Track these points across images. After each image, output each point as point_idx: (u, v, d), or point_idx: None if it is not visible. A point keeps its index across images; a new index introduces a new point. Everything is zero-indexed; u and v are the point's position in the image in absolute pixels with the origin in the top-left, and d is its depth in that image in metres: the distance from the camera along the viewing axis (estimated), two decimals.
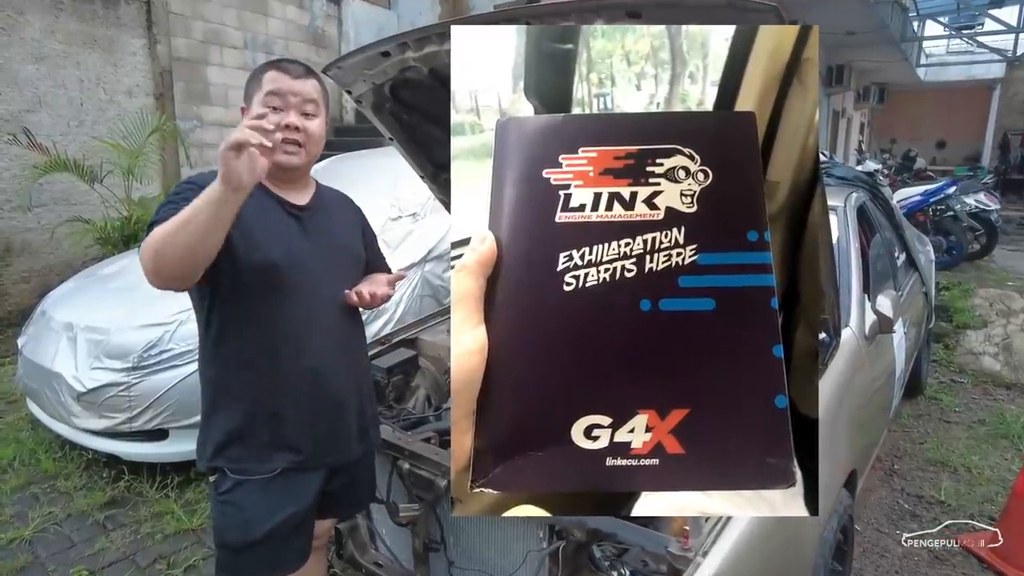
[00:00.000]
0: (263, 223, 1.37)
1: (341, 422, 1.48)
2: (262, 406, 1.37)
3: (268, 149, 1.15)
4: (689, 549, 1.29)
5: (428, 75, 1.90)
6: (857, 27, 10.32)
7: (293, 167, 1.43)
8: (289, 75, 1.41)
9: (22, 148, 4.89)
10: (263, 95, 1.38)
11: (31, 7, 5.11)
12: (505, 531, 1.62)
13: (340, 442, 1.48)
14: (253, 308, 1.36)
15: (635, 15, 1.39)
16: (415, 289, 3.57)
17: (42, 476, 2.92)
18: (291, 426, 1.39)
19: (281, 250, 1.37)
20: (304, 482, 1.43)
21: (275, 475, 1.38)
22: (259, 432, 1.37)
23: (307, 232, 1.44)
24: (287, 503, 1.40)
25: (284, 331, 1.38)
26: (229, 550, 1.39)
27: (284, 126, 1.37)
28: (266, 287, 1.35)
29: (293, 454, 1.39)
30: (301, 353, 1.40)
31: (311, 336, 1.41)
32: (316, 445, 1.42)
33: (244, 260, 1.32)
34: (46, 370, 2.89)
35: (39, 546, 2.46)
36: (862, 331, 2.22)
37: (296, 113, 1.40)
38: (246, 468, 1.37)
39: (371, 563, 1.96)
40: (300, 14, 7.49)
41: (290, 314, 1.38)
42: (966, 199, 6.11)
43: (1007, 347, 4.49)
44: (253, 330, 1.37)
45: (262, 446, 1.38)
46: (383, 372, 2.24)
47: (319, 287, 1.43)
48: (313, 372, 1.41)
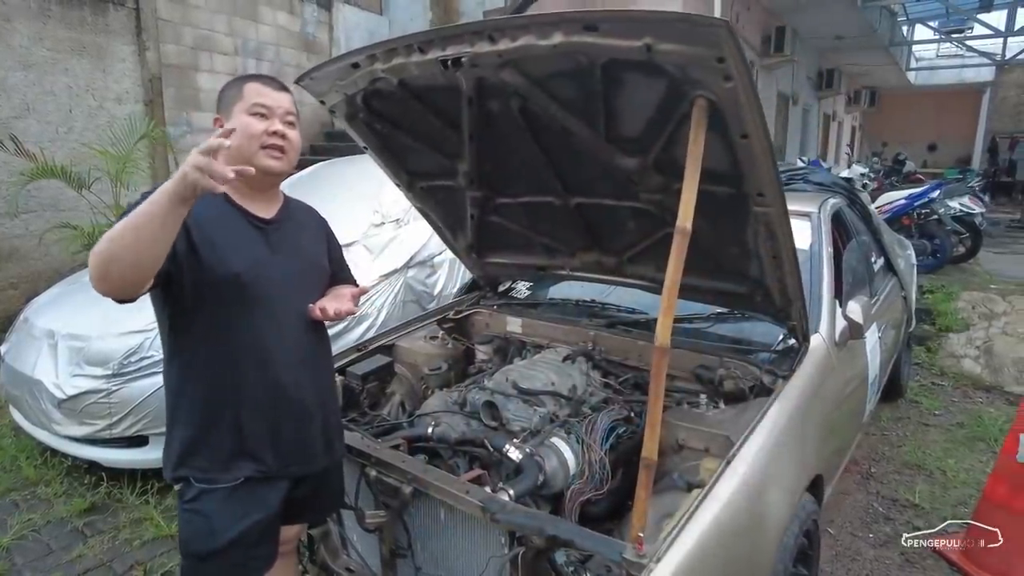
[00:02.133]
0: (227, 235, 1.39)
1: (306, 433, 1.50)
2: (223, 416, 1.39)
3: (253, 153, 1.31)
4: (644, 555, 1.31)
5: (398, 86, 1.92)
6: (846, 31, 10.41)
7: (276, 172, 1.47)
8: (271, 87, 1.48)
9: (9, 155, 4.90)
10: (248, 105, 1.43)
11: (18, 14, 5.12)
12: (469, 538, 1.65)
13: (304, 453, 1.50)
14: (215, 319, 1.38)
15: (592, 28, 1.42)
16: (397, 295, 3.59)
17: (23, 483, 2.94)
18: (253, 437, 1.41)
19: (244, 262, 1.39)
20: (268, 490, 1.45)
21: (239, 484, 1.40)
22: (221, 442, 1.39)
23: (271, 245, 1.47)
24: (252, 511, 1.42)
25: (246, 342, 1.40)
26: (195, 558, 1.41)
27: (272, 132, 1.43)
28: (228, 298, 1.37)
29: (256, 464, 1.41)
30: (264, 364, 1.42)
31: (275, 348, 1.43)
32: (279, 456, 1.44)
33: (207, 271, 1.34)
34: (27, 377, 2.90)
35: (16, 553, 2.48)
36: (832, 337, 2.25)
37: (280, 121, 1.46)
38: (210, 477, 1.39)
39: (343, 568, 1.98)
40: (291, 20, 7.52)
41: (252, 325, 1.40)
42: (950, 203, 6.16)
43: (988, 350, 4.53)
44: (215, 341, 1.39)
45: (225, 456, 1.40)
46: (358, 379, 2.26)
47: (283, 299, 1.45)
48: (276, 384, 1.43)
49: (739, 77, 1.35)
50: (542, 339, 2.54)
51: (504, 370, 2.18)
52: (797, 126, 12.13)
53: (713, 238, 1.94)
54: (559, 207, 2.21)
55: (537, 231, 2.44)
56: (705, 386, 2.08)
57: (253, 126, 1.42)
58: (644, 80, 1.52)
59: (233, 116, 1.43)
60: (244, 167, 1.18)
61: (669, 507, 1.55)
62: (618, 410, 1.99)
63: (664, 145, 1.70)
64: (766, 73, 9.87)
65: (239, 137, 1.39)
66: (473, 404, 2.02)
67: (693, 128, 1.45)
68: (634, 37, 1.38)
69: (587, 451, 1.80)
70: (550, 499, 1.78)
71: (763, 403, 1.83)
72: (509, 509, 1.49)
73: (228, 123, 1.42)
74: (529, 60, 1.61)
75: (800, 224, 2.69)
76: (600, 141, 1.79)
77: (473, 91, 1.83)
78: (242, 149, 1.40)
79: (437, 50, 1.71)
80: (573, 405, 2.02)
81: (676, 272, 1.44)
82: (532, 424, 1.88)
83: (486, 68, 1.69)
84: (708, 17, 1.26)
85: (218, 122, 1.46)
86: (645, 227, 2.14)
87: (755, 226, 1.77)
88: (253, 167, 1.30)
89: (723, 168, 1.64)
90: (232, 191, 1.45)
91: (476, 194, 2.31)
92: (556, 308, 2.73)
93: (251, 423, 1.41)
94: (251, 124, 1.42)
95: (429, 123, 2.07)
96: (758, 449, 1.65)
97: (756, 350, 2.16)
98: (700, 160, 1.44)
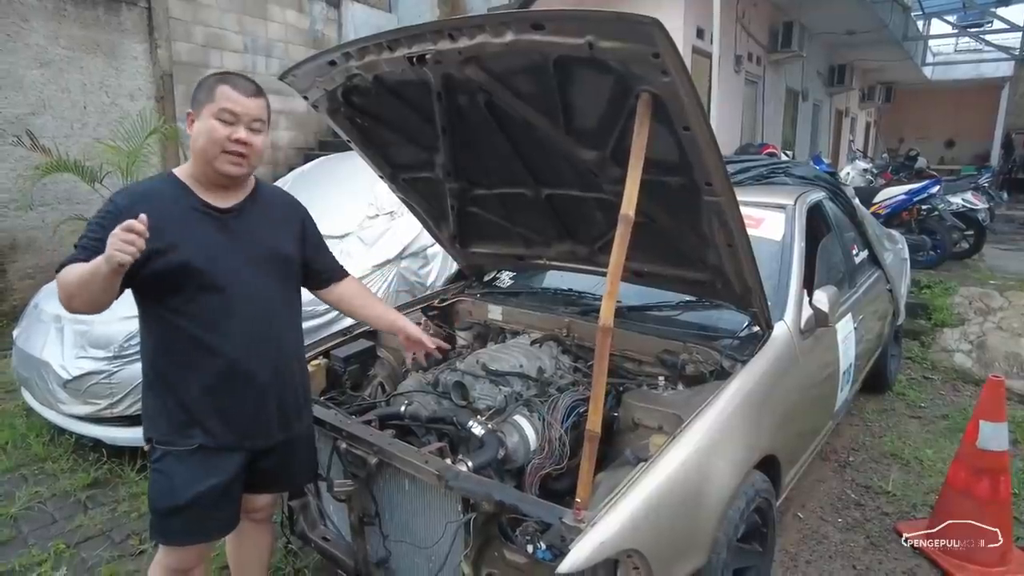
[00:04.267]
0: (181, 228, 1.51)
1: (259, 411, 1.61)
2: (176, 390, 1.53)
3: (214, 156, 1.49)
4: (582, 520, 1.41)
5: (373, 82, 2.03)
6: (856, 26, 10.33)
7: (234, 176, 1.58)
8: (242, 93, 1.54)
9: (26, 150, 5.10)
10: (216, 109, 1.51)
11: (35, 14, 5.31)
12: (430, 506, 1.75)
13: (257, 428, 1.61)
14: (172, 302, 1.51)
15: (539, 27, 1.51)
16: (391, 285, 3.71)
17: (32, 459, 3.10)
18: (202, 411, 1.53)
19: (195, 250, 1.50)
20: (222, 459, 1.57)
21: (194, 449, 1.53)
22: (177, 412, 1.53)
23: (228, 232, 1.57)
24: (209, 476, 1.54)
25: (200, 324, 1.52)
26: (158, 514, 1.55)
27: (234, 140, 1.52)
28: (182, 284, 1.49)
29: (205, 434, 1.54)
30: (216, 344, 1.53)
31: (227, 329, 1.54)
32: (229, 429, 1.56)
33: (160, 264, 1.46)
34: (36, 359, 3.06)
35: (23, 523, 2.64)
36: (797, 325, 2.31)
37: (245, 129, 1.54)
38: (170, 440, 1.53)
39: (319, 538, 2.10)
40: (300, 18, 7.67)
41: (205, 309, 1.52)
42: (952, 198, 6.13)
43: (981, 344, 4.54)
44: (172, 322, 1.52)
45: (180, 424, 1.53)
46: (341, 361, 2.38)
47: (239, 283, 1.56)
48: (228, 363, 1.54)
49: (676, 72, 1.43)
50: (520, 326, 2.64)
51: (476, 353, 2.28)
52: (807, 122, 12.06)
53: (673, 227, 2.02)
54: (531, 198, 2.30)
55: (514, 222, 2.53)
56: (668, 370, 2.16)
57: (217, 131, 1.50)
58: (594, 76, 1.60)
59: (202, 116, 1.52)
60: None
61: (620, 481, 1.65)
62: (582, 391, 2.07)
63: (619, 138, 1.78)
64: (774, 68, 9.84)
65: (204, 139, 1.51)
66: (444, 384, 2.13)
67: (637, 121, 1.53)
68: (577, 35, 1.47)
69: (548, 429, 1.90)
70: (514, 474, 1.88)
71: (718, 385, 1.92)
72: (463, 477, 1.59)
73: (198, 122, 1.53)
74: (488, 57, 1.71)
75: (774, 216, 2.76)
76: (560, 134, 1.88)
77: (441, 86, 1.93)
78: (205, 152, 1.52)
79: (404, 48, 1.82)
80: (540, 386, 2.11)
81: (619, 256, 1.52)
82: (497, 403, 1.98)
83: (450, 65, 1.79)
84: (640, 15, 1.35)
85: (190, 117, 1.55)
86: (612, 218, 2.19)
87: (708, 215, 1.85)
88: (213, 169, 1.51)
89: (673, 159, 1.72)
90: (193, 184, 1.57)
91: (454, 185, 2.41)
92: (535, 297, 2.82)
93: (202, 397, 1.53)
94: (216, 129, 1.50)
95: (405, 117, 2.17)
96: (706, 427, 1.74)
97: (721, 336, 2.24)
98: (643, 151, 1.53)
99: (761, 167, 3.49)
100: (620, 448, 1.91)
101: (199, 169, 1.57)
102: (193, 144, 1.55)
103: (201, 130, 1.52)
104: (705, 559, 1.65)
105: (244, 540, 1.86)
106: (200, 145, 1.52)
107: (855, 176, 8.49)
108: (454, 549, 1.65)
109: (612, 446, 1.96)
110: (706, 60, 7.05)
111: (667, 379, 2.09)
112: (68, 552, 2.45)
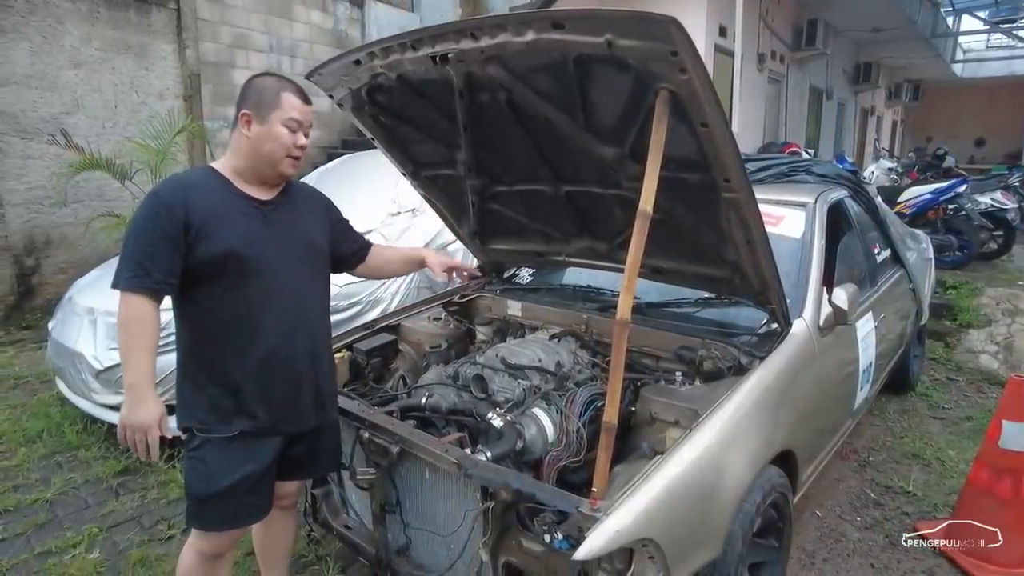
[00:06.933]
0: (225, 216, 1.57)
1: (297, 395, 1.67)
2: (221, 376, 1.58)
3: (279, 160, 1.61)
4: (598, 510, 1.44)
5: (397, 81, 2.08)
6: (883, 23, 10.17)
7: (289, 176, 1.69)
8: (302, 100, 1.64)
9: (60, 148, 5.26)
10: (285, 117, 1.60)
11: (70, 16, 5.47)
12: (449, 494, 1.79)
13: (296, 412, 1.67)
14: (213, 290, 1.56)
15: (558, 26, 1.54)
16: (412, 281, 3.76)
17: (66, 446, 3.21)
18: (247, 396, 1.59)
19: (240, 239, 1.56)
20: (262, 445, 1.62)
21: (235, 436, 1.58)
22: (220, 399, 1.58)
23: (268, 223, 1.64)
24: (246, 462, 1.59)
25: (242, 310, 1.58)
26: (196, 500, 1.60)
27: (299, 146, 1.63)
28: (226, 271, 1.55)
29: (250, 419, 1.59)
30: (257, 330, 1.59)
31: (268, 315, 1.60)
32: (271, 414, 1.62)
33: (205, 252, 1.52)
34: (70, 350, 3.17)
35: (58, 507, 2.74)
36: (816, 322, 2.31)
37: (304, 135, 1.65)
38: (210, 428, 1.58)
39: (341, 525, 2.16)
40: (324, 18, 7.78)
41: (247, 295, 1.57)
42: (979, 198, 6.02)
43: (1008, 346, 4.46)
44: (216, 309, 1.57)
45: (223, 411, 1.58)
46: (363, 354, 2.43)
47: (278, 272, 1.62)
48: (270, 348, 1.60)
49: (693, 69, 1.45)
50: (539, 321, 2.67)
51: (495, 347, 2.32)
52: (831, 121, 11.91)
53: (691, 224, 2.04)
54: (551, 195, 2.33)
55: (533, 218, 2.56)
56: (685, 365, 2.18)
57: (286, 138, 1.60)
58: (612, 73, 1.63)
59: (269, 121, 1.59)
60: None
61: (636, 473, 1.67)
62: (599, 386, 2.10)
63: (637, 134, 1.80)
64: (797, 67, 9.74)
65: (272, 144, 1.59)
66: (464, 377, 2.17)
67: (656, 118, 1.56)
68: (596, 34, 1.50)
69: (565, 422, 1.93)
70: (532, 465, 1.92)
71: (735, 381, 1.93)
72: (481, 466, 1.63)
73: (262, 127, 1.58)
74: (509, 56, 1.74)
75: (795, 214, 2.76)
76: (580, 131, 1.90)
77: (463, 85, 1.97)
78: (272, 155, 1.60)
79: (427, 47, 1.86)
80: (558, 380, 2.14)
81: (637, 252, 1.55)
82: (515, 395, 2.02)
83: (472, 63, 1.83)
84: (658, 14, 1.37)
85: (245, 117, 1.59)
86: (630, 214, 2.21)
87: (727, 212, 1.87)
88: (275, 171, 1.62)
89: (692, 156, 1.74)
90: (235, 178, 1.63)
91: (475, 182, 2.45)
92: (554, 293, 2.85)
93: (245, 383, 1.58)
94: (284, 135, 1.60)
95: (428, 115, 2.22)
96: (722, 421, 1.75)
97: (739, 333, 2.24)
98: (662, 148, 1.55)
99: (782, 165, 3.47)
100: (637, 442, 1.93)
101: (249, 166, 1.63)
102: (254, 146, 1.60)
103: (267, 135, 1.58)
104: (720, 551, 1.67)
105: (271, 527, 1.92)
106: (267, 149, 1.59)
107: (879, 175, 8.37)
108: (473, 537, 1.70)
109: (629, 440, 1.98)
110: (729, 59, 7.01)
111: (684, 374, 2.11)
112: (101, 536, 2.54)
